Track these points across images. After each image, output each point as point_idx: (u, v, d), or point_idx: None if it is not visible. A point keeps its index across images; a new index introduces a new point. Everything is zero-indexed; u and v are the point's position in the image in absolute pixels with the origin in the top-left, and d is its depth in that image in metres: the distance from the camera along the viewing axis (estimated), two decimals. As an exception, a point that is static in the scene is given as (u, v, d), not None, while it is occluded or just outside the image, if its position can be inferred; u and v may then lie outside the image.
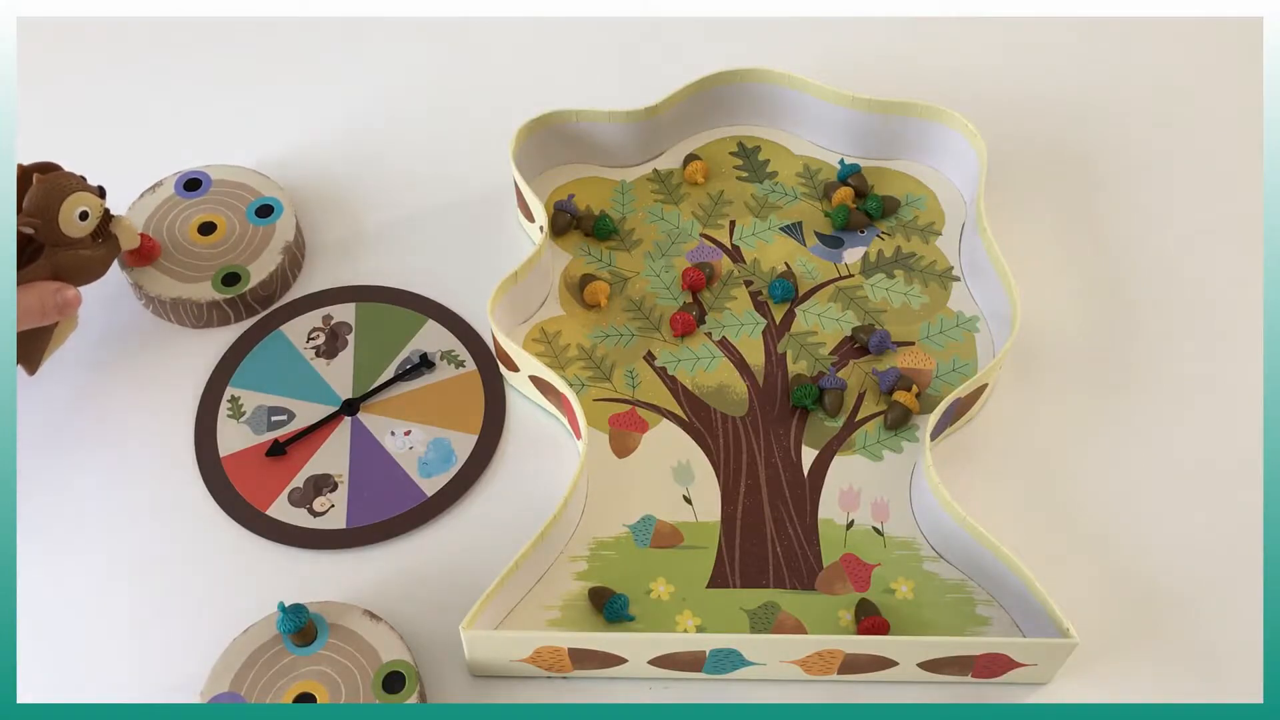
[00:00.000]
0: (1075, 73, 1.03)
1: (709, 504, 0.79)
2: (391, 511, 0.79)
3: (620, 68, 1.03)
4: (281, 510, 0.79)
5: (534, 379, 0.82)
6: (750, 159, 0.96)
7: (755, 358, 0.85)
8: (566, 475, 0.79)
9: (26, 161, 0.77)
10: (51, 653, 0.74)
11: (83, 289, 0.80)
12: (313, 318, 0.87)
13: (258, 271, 0.87)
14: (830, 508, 0.79)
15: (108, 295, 0.88)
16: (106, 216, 0.80)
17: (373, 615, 0.73)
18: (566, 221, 0.90)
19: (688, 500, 0.80)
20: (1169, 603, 0.76)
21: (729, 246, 0.91)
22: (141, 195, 0.90)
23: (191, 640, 0.74)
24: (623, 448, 0.82)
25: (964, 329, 0.87)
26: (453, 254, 0.91)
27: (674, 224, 0.92)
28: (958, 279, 0.89)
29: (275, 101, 1.00)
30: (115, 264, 0.86)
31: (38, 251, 0.78)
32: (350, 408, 0.83)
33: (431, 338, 0.86)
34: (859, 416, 0.83)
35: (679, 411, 0.83)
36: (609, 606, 0.74)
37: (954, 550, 0.76)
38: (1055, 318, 0.88)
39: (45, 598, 0.76)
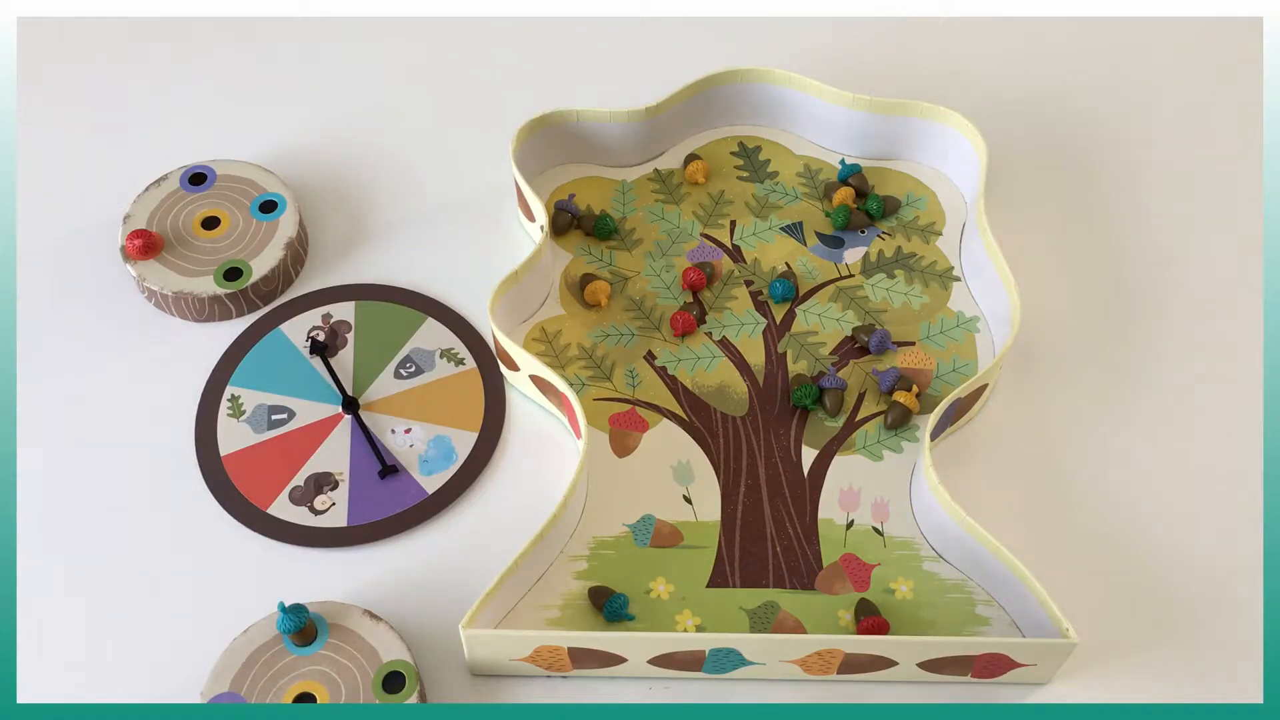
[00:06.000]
0: (1075, 73, 1.03)
1: (709, 504, 0.79)
2: (392, 509, 0.79)
3: (620, 68, 1.03)
4: (283, 509, 0.79)
5: (534, 378, 0.82)
6: (751, 159, 0.96)
7: (755, 357, 0.85)
8: (566, 475, 0.79)
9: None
10: (51, 653, 0.74)
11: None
12: (312, 316, 0.87)
13: (260, 266, 0.87)
14: (830, 508, 0.79)
15: (110, 287, 0.88)
16: None
17: (373, 615, 0.73)
18: (567, 221, 0.90)
19: (688, 500, 0.80)
20: (1169, 603, 0.76)
21: (729, 246, 0.91)
22: (146, 188, 0.90)
23: (191, 640, 0.74)
24: (623, 447, 0.82)
25: (964, 329, 0.87)
26: (453, 253, 0.91)
27: (674, 224, 0.92)
28: (958, 279, 0.89)
29: (280, 99, 1.00)
30: (119, 256, 0.87)
31: None
32: (350, 406, 0.83)
33: (431, 336, 0.86)
34: (859, 416, 0.83)
35: (679, 411, 0.83)
36: (609, 606, 0.74)
37: (954, 550, 0.76)
38: (1055, 318, 0.88)
39: (45, 597, 0.76)
